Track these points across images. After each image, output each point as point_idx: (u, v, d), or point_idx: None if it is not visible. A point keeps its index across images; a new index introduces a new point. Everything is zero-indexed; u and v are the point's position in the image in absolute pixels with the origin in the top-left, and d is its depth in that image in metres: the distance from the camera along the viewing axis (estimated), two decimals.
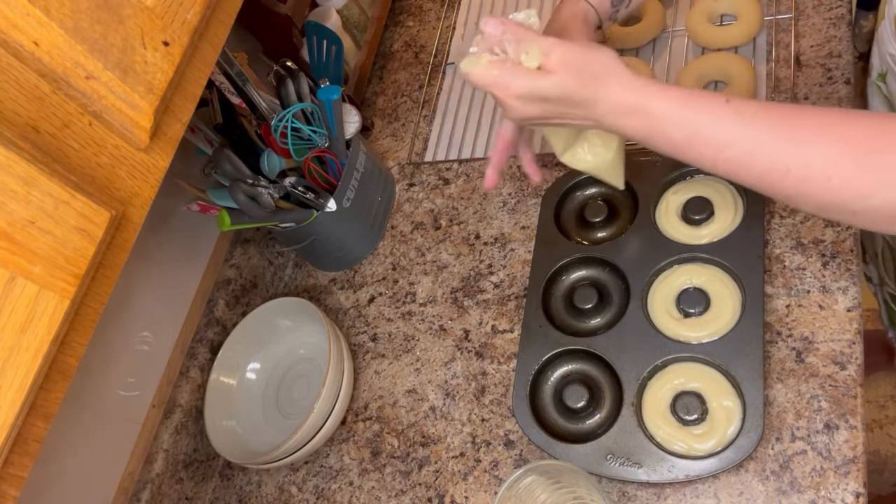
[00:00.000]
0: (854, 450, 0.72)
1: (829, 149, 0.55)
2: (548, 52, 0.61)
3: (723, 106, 0.59)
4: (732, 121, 0.58)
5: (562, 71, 0.61)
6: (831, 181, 0.55)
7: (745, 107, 0.58)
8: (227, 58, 0.93)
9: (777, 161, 0.57)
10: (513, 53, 0.62)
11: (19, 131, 0.50)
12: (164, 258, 0.99)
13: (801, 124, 0.56)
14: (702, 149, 0.60)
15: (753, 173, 0.59)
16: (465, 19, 1.26)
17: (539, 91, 0.62)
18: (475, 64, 0.63)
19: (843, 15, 0.96)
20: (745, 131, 0.58)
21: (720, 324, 0.80)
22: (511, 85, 0.62)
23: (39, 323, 0.50)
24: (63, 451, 0.83)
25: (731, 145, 0.59)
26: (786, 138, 0.57)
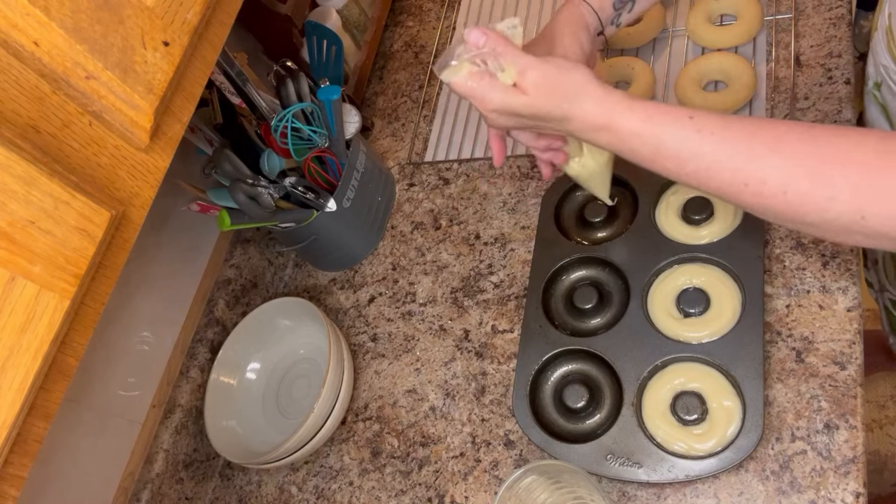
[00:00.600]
0: (854, 450, 0.72)
1: (784, 165, 0.57)
2: (522, 71, 0.64)
3: (685, 122, 0.61)
4: (692, 138, 0.61)
5: (534, 92, 0.64)
6: (787, 195, 0.57)
7: (707, 123, 0.60)
8: (227, 58, 0.93)
9: (734, 177, 0.59)
10: (491, 67, 0.65)
11: (19, 131, 0.50)
12: (164, 258, 0.99)
13: (759, 141, 0.58)
14: (666, 163, 0.63)
15: (713, 186, 0.62)
16: (464, 19, 1.26)
17: (512, 108, 0.65)
18: (456, 73, 0.66)
19: (843, 15, 0.96)
20: (704, 148, 0.60)
21: (720, 324, 0.80)
22: (486, 98, 0.65)
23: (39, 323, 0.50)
24: (63, 451, 0.83)
25: (691, 160, 0.61)
26: (743, 155, 0.59)
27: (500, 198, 1.04)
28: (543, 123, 0.67)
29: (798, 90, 0.93)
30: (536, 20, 1.18)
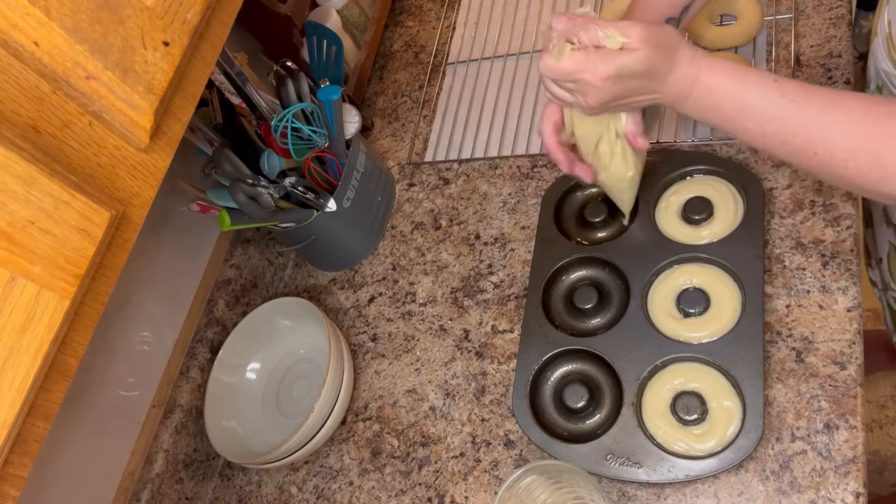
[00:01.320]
0: (854, 450, 0.72)
1: (849, 143, 0.62)
2: (626, 32, 0.65)
3: (770, 84, 0.65)
4: (776, 100, 0.64)
5: (644, 45, 0.65)
6: (847, 169, 0.62)
7: (789, 89, 0.64)
8: (227, 58, 0.93)
9: (807, 145, 0.64)
10: (590, 40, 0.65)
11: (19, 131, 0.50)
12: (164, 258, 0.99)
13: (833, 117, 0.63)
14: (746, 122, 0.66)
15: (786, 150, 0.66)
16: (465, 19, 1.26)
17: (628, 68, 0.65)
18: (560, 55, 0.66)
19: (843, 15, 0.96)
20: (786, 113, 0.64)
21: (720, 324, 0.80)
22: (599, 67, 0.65)
23: (39, 323, 0.50)
24: (63, 451, 0.83)
25: (772, 122, 0.65)
26: (818, 126, 0.63)
27: (500, 198, 1.04)
28: (649, 83, 0.67)
29: None
30: (536, 20, 1.18)
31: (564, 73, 0.67)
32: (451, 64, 1.22)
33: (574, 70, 0.66)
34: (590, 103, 0.68)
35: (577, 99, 0.70)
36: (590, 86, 0.66)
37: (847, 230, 0.82)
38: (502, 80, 1.15)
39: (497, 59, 1.18)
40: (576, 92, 0.69)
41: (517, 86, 1.13)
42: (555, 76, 0.68)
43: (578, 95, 0.69)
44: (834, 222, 0.83)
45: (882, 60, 0.86)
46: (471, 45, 1.22)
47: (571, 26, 0.66)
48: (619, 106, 0.71)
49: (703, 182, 0.90)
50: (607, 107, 0.70)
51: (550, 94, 0.73)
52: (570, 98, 0.70)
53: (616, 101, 0.69)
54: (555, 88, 0.71)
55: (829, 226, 0.84)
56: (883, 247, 1.03)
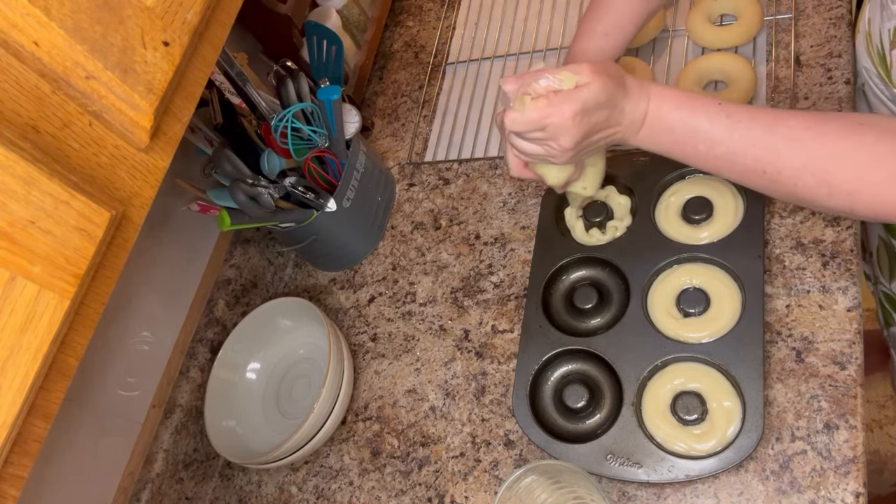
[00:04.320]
0: (854, 450, 0.72)
1: (796, 161, 0.64)
2: (577, 70, 0.67)
3: (715, 107, 0.67)
4: (723, 121, 0.66)
5: (598, 78, 0.67)
6: (796, 186, 0.65)
7: (735, 111, 0.67)
8: (227, 58, 0.93)
9: (756, 164, 0.66)
10: (546, 87, 0.67)
11: (19, 131, 0.50)
12: (164, 258, 0.99)
13: (779, 135, 0.65)
14: (698, 144, 0.68)
15: (737, 171, 0.68)
16: (465, 19, 1.26)
17: (591, 100, 0.67)
18: (522, 108, 0.68)
19: (843, 15, 0.96)
20: (734, 134, 0.66)
21: (720, 324, 0.80)
22: (564, 107, 0.66)
23: (39, 323, 0.50)
24: (63, 451, 0.83)
25: (721, 143, 0.67)
26: (765, 145, 0.65)
27: (500, 198, 1.04)
28: (610, 114, 0.68)
29: (798, 90, 0.93)
30: (536, 20, 1.18)
31: (532, 123, 0.68)
32: (451, 64, 1.22)
33: (541, 116, 0.67)
34: (564, 145, 0.69)
35: (549, 148, 0.70)
36: (559, 127, 0.67)
37: (847, 230, 0.82)
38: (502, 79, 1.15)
39: (497, 59, 1.18)
40: (547, 140, 0.69)
41: None
42: (523, 128, 0.69)
43: (551, 143, 0.69)
44: (834, 222, 0.83)
45: (863, 58, 0.88)
46: (471, 45, 1.22)
47: (523, 82, 0.68)
48: (590, 145, 0.71)
49: (702, 182, 0.90)
50: (581, 146, 0.70)
51: (520, 152, 0.74)
52: (542, 150, 0.71)
53: (587, 138, 0.69)
54: (525, 145, 0.72)
55: (829, 226, 0.84)
56: (873, 240, 1.04)
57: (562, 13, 1.17)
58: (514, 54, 1.17)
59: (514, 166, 0.79)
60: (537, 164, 0.77)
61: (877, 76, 0.86)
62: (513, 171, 0.79)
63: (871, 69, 0.86)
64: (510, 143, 0.74)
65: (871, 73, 0.87)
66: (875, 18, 0.83)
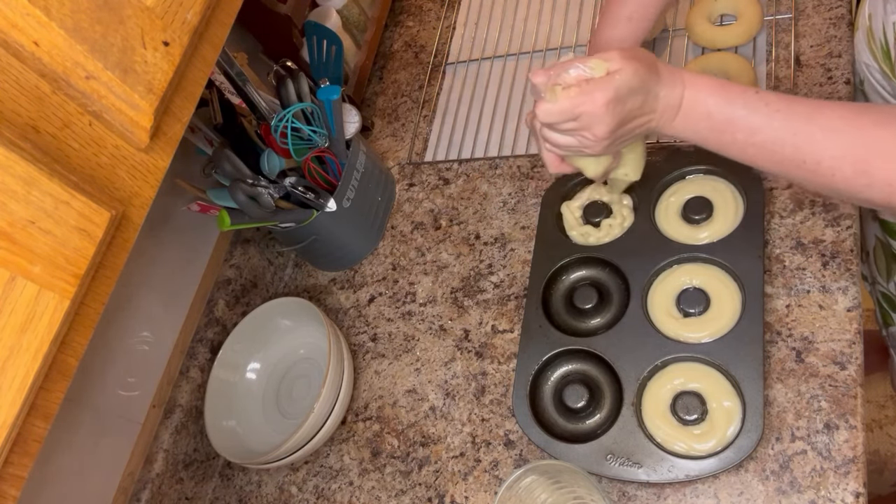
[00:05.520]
0: (854, 450, 0.72)
1: (835, 152, 0.63)
2: (607, 57, 0.66)
3: (752, 94, 0.66)
4: (761, 109, 0.65)
5: (629, 63, 0.65)
6: (834, 177, 0.63)
7: (772, 99, 0.65)
8: (227, 58, 0.93)
9: (795, 154, 0.64)
10: (576, 76, 0.66)
11: (19, 131, 0.50)
12: (164, 258, 0.99)
13: (817, 125, 0.63)
14: (737, 133, 0.66)
15: (775, 160, 0.66)
16: (464, 19, 1.26)
17: (624, 86, 0.65)
18: (554, 99, 0.66)
19: (843, 15, 0.96)
20: (772, 122, 0.64)
21: (720, 324, 0.80)
22: (596, 94, 0.65)
23: (39, 323, 0.50)
24: (63, 451, 0.83)
25: (760, 131, 0.65)
26: (804, 135, 0.64)
27: (500, 198, 1.04)
28: (644, 100, 0.67)
29: (798, 90, 0.93)
30: (536, 20, 1.18)
31: (564, 113, 0.66)
32: (451, 64, 1.22)
33: (573, 105, 0.65)
34: (598, 134, 0.67)
35: (583, 139, 0.68)
36: (593, 116, 0.66)
37: (847, 230, 0.82)
38: (502, 80, 1.15)
39: (497, 59, 1.18)
40: (581, 130, 0.67)
41: (517, 86, 1.13)
42: (555, 119, 0.67)
43: (585, 133, 0.67)
44: (834, 222, 0.83)
45: (863, 54, 0.88)
46: (471, 45, 1.22)
47: (552, 73, 0.67)
48: (625, 134, 0.69)
49: (702, 182, 0.89)
50: (616, 136, 0.68)
51: (553, 146, 0.72)
52: (576, 142, 0.69)
53: (621, 126, 0.68)
54: (558, 137, 0.70)
55: (829, 226, 0.84)
56: (870, 241, 1.04)
57: (562, 13, 1.17)
58: (514, 54, 1.17)
59: (551, 162, 0.76)
60: (574, 157, 0.75)
61: (878, 71, 0.86)
62: (550, 167, 0.76)
63: (873, 64, 0.86)
64: (543, 139, 0.72)
65: (873, 69, 0.87)
66: (877, 13, 0.83)
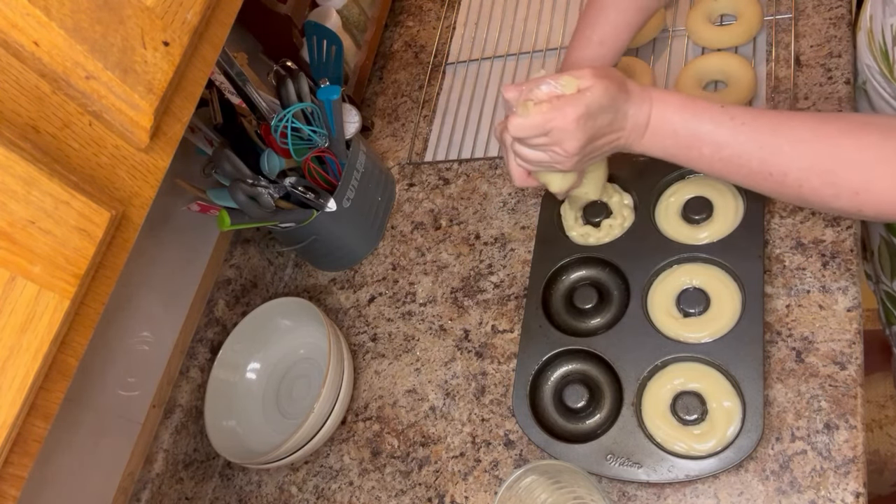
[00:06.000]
0: (854, 450, 0.72)
1: (801, 163, 0.64)
2: (578, 74, 0.67)
3: (718, 109, 0.67)
4: (727, 123, 0.66)
5: (600, 81, 0.66)
6: (802, 188, 0.65)
7: (738, 112, 0.66)
8: (227, 58, 0.93)
9: (761, 166, 0.66)
10: (548, 92, 0.67)
11: (19, 131, 0.50)
12: (164, 258, 0.99)
13: (783, 137, 0.64)
14: (703, 147, 0.67)
15: (742, 173, 0.68)
16: (464, 19, 1.26)
17: (594, 103, 0.66)
18: (525, 114, 0.67)
19: (843, 15, 0.96)
20: (738, 137, 0.66)
21: (720, 324, 0.80)
22: (567, 110, 0.66)
23: (39, 323, 0.50)
24: (63, 451, 0.83)
25: (727, 146, 0.66)
26: (770, 148, 0.65)
27: (500, 198, 1.04)
28: (613, 118, 0.68)
29: (798, 90, 0.93)
30: (536, 20, 1.18)
31: (536, 127, 0.67)
32: (451, 64, 1.22)
33: (544, 120, 0.66)
34: (568, 150, 0.68)
35: (554, 154, 0.69)
36: (563, 131, 0.67)
37: (847, 230, 0.82)
38: (502, 80, 1.15)
39: (497, 59, 1.18)
40: (551, 146, 0.68)
41: None
42: (527, 133, 0.68)
43: (555, 148, 0.68)
44: (834, 222, 0.83)
45: (865, 55, 0.88)
46: (471, 45, 1.22)
47: (524, 89, 0.68)
48: (594, 151, 0.71)
49: (702, 182, 0.89)
50: (585, 152, 0.70)
51: (523, 160, 0.73)
52: (546, 157, 0.70)
53: (591, 142, 0.69)
54: (527, 152, 0.71)
55: (829, 226, 0.84)
56: (874, 239, 1.04)
57: (562, 13, 1.17)
58: (514, 54, 1.17)
59: (518, 176, 0.78)
60: (540, 172, 0.77)
61: (879, 73, 0.86)
62: (517, 181, 0.78)
63: (874, 66, 0.86)
64: (513, 152, 0.73)
65: (874, 71, 0.87)
66: (877, 15, 0.83)
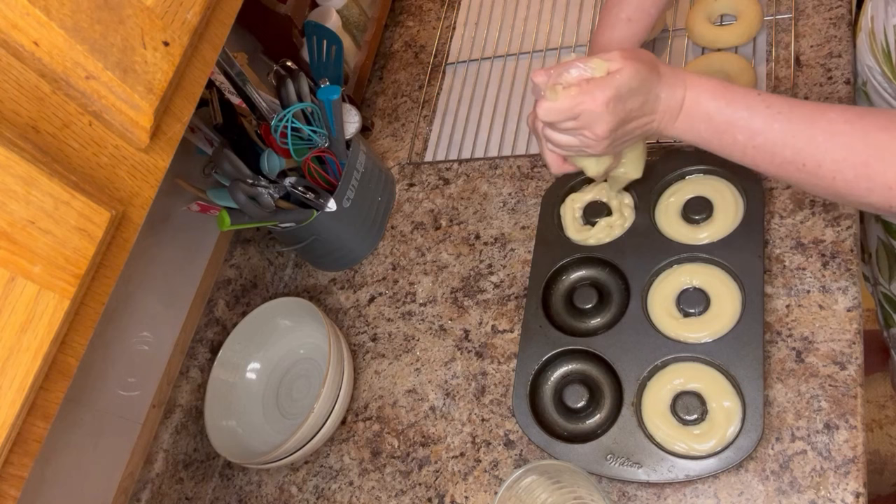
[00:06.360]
0: (854, 450, 0.72)
1: (837, 155, 0.62)
2: (608, 57, 0.66)
3: (754, 96, 0.66)
4: (763, 111, 0.65)
5: (630, 63, 0.65)
6: (835, 180, 0.63)
7: (774, 101, 0.65)
8: (227, 58, 0.93)
9: (795, 156, 0.64)
10: (577, 75, 0.66)
11: (19, 131, 0.50)
12: (164, 258, 0.99)
13: (819, 128, 0.63)
14: (737, 133, 0.66)
15: (776, 162, 0.66)
16: (464, 19, 1.26)
17: (624, 85, 0.65)
18: (555, 98, 0.66)
19: (843, 15, 0.96)
20: (773, 124, 0.64)
21: (720, 324, 0.80)
22: (597, 93, 0.65)
23: (39, 323, 0.50)
24: (63, 451, 0.83)
25: (761, 133, 0.65)
26: (805, 137, 0.64)
27: (500, 198, 1.04)
28: (644, 100, 0.67)
29: (798, 90, 0.93)
30: (536, 20, 1.18)
31: (565, 111, 0.66)
32: (451, 64, 1.22)
33: (573, 104, 0.66)
34: (598, 133, 0.67)
35: (583, 138, 0.69)
36: (593, 114, 0.66)
37: (847, 230, 0.82)
38: (502, 80, 1.15)
39: (497, 59, 1.18)
40: (581, 129, 0.68)
41: (517, 86, 1.13)
42: (556, 117, 0.67)
43: (585, 132, 0.68)
44: (834, 222, 0.83)
45: (865, 56, 0.88)
46: (471, 45, 1.22)
47: (553, 73, 0.67)
48: (625, 135, 0.70)
49: (702, 182, 0.89)
50: (616, 135, 0.69)
51: (555, 146, 0.72)
52: (576, 141, 0.69)
53: (622, 126, 0.68)
54: (558, 137, 0.70)
55: (829, 226, 0.84)
56: (872, 242, 1.04)
57: (562, 13, 1.17)
58: (514, 54, 1.17)
59: (553, 162, 0.76)
60: (575, 157, 0.75)
61: (880, 74, 0.86)
62: (552, 168, 0.77)
63: (875, 67, 0.86)
64: (545, 139, 0.72)
65: (875, 71, 0.87)
66: (879, 15, 0.83)
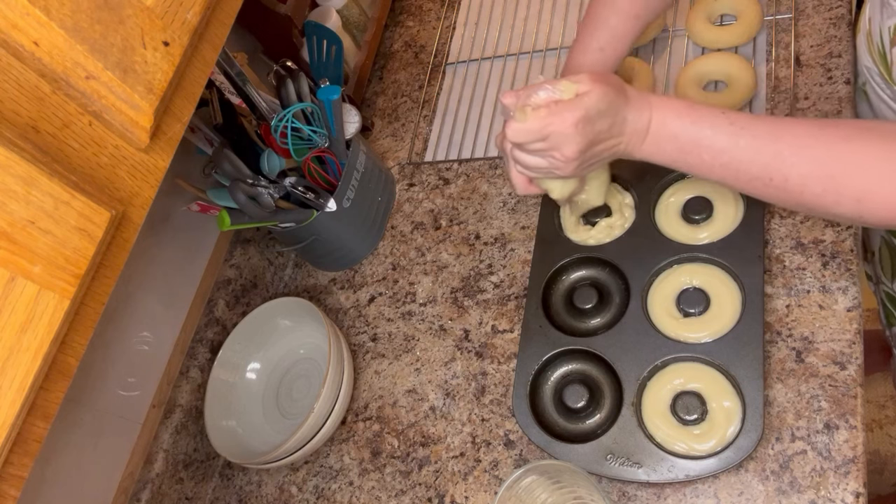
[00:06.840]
0: (854, 450, 0.72)
1: (803, 169, 0.63)
2: (576, 79, 0.67)
3: (718, 114, 0.66)
4: (727, 129, 0.66)
5: (598, 86, 0.66)
6: (803, 194, 0.64)
7: (738, 118, 0.66)
8: (227, 58, 0.93)
9: (762, 171, 0.65)
10: (546, 97, 0.67)
11: (19, 131, 0.50)
12: (164, 258, 0.99)
13: (784, 143, 0.64)
14: (703, 153, 0.67)
15: (743, 179, 0.67)
16: (464, 19, 1.26)
17: (592, 107, 0.66)
18: (524, 119, 0.67)
19: (843, 15, 0.96)
20: (738, 142, 0.65)
21: (720, 324, 0.80)
22: (565, 114, 0.66)
23: (39, 323, 0.50)
24: (63, 451, 0.83)
25: (726, 151, 0.66)
26: (770, 152, 0.64)
27: (500, 198, 1.04)
28: (612, 122, 0.68)
29: (798, 90, 0.93)
30: (536, 20, 1.18)
31: (534, 132, 0.67)
32: (451, 64, 1.22)
33: (542, 125, 0.66)
34: (567, 154, 0.68)
35: (552, 160, 0.69)
36: (562, 136, 0.66)
37: (847, 230, 0.82)
38: (502, 80, 1.15)
39: (497, 59, 1.18)
40: (550, 151, 0.68)
41: (517, 86, 1.13)
42: (525, 138, 0.68)
43: (554, 153, 0.68)
44: (834, 222, 0.83)
45: (864, 57, 0.88)
46: (471, 45, 1.22)
47: (522, 95, 0.68)
48: (593, 157, 0.70)
49: (702, 182, 0.89)
50: (584, 158, 0.69)
51: (523, 167, 0.72)
52: (545, 163, 0.70)
53: (590, 148, 0.68)
54: (527, 158, 0.71)
55: (829, 226, 0.84)
56: (875, 241, 1.04)
57: (562, 13, 1.17)
58: (514, 54, 1.17)
59: (519, 183, 0.77)
60: (541, 179, 0.76)
61: (878, 75, 0.86)
62: (518, 188, 0.77)
63: (873, 68, 0.86)
64: (513, 159, 0.73)
65: (873, 73, 0.87)
66: (875, 17, 0.83)
